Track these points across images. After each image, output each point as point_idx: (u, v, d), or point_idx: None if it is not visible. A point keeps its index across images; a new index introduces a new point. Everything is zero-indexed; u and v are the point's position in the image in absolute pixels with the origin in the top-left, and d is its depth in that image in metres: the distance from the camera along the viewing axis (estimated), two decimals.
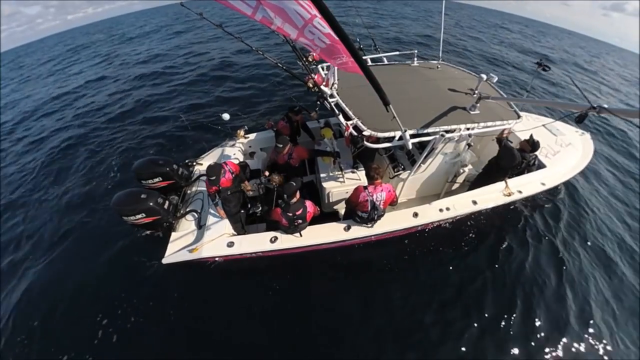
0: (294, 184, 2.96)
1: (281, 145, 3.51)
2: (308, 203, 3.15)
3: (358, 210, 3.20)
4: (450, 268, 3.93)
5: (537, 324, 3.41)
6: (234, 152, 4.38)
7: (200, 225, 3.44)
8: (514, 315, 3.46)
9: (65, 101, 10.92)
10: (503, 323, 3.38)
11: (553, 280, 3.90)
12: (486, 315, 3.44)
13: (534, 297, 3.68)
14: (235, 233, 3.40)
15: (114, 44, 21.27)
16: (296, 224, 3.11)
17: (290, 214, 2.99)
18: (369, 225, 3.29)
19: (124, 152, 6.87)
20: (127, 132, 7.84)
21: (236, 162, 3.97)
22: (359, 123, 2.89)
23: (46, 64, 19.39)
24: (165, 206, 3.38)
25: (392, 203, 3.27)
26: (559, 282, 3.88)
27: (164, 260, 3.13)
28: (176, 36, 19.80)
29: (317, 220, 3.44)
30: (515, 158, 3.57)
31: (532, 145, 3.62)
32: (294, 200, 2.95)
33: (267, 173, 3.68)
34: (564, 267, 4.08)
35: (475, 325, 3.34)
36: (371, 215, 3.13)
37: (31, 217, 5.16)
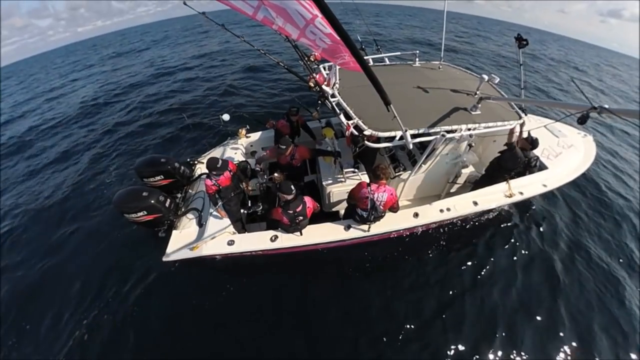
0: (290, 182, 2.97)
1: (284, 147, 3.50)
2: (307, 199, 3.16)
3: (358, 207, 3.20)
4: (451, 269, 3.92)
5: (540, 327, 3.39)
6: (236, 151, 4.40)
7: (201, 224, 3.45)
8: (515, 317, 3.45)
9: (67, 106, 11.04)
10: (503, 325, 3.36)
11: (557, 283, 3.88)
12: (488, 316, 3.43)
13: (535, 299, 3.66)
14: (235, 232, 3.42)
15: (121, 55, 21.61)
16: (297, 221, 3.12)
17: (291, 212, 3.01)
18: (367, 229, 3.27)
19: (125, 151, 6.93)
20: (129, 132, 7.92)
21: (235, 161, 3.99)
22: (360, 122, 2.90)
23: (57, 73, 19.62)
24: (167, 204, 3.39)
25: (393, 209, 3.24)
26: (564, 286, 3.85)
27: (165, 258, 3.15)
28: (180, 46, 20.11)
29: (317, 219, 3.45)
30: (519, 161, 3.59)
31: (531, 143, 3.62)
32: (292, 197, 2.97)
33: (260, 166, 3.74)
34: (568, 271, 4.05)
35: (476, 327, 3.33)
36: (370, 215, 3.14)
37: (31, 219, 5.19)
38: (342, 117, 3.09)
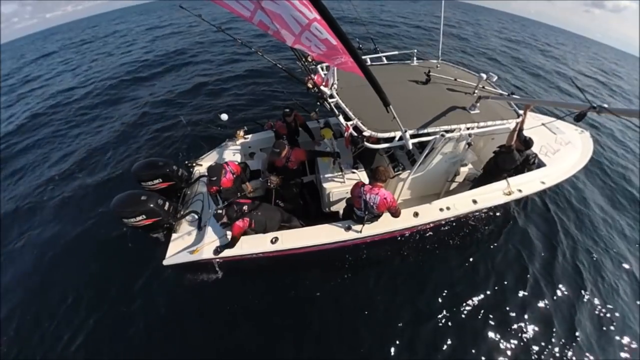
0: (221, 212, 3.00)
1: (278, 150, 3.48)
2: (235, 224, 3.02)
3: (354, 206, 3.21)
4: (451, 268, 3.94)
5: (539, 328, 3.41)
6: (234, 152, 4.38)
7: (201, 227, 3.44)
8: (513, 319, 3.47)
9: (57, 101, 10.85)
10: (502, 327, 3.38)
11: (557, 284, 3.89)
12: (486, 317, 3.45)
13: (533, 298, 3.69)
14: None
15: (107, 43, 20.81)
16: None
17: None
18: (361, 229, 3.27)
19: (122, 154, 6.86)
20: (127, 133, 7.83)
21: (237, 162, 3.97)
22: (359, 123, 2.88)
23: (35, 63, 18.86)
24: (166, 207, 3.37)
25: (392, 213, 3.19)
26: (564, 286, 3.87)
27: (165, 262, 3.14)
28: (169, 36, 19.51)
29: (317, 220, 3.46)
30: (515, 161, 3.62)
31: (524, 143, 3.63)
32: (224, 222, 3.02)
33: (266, 174, 3.70)
34: (569, 270, 4.07)
35: (475, 327, 3.35)
36: (365, 214, 3.13)
37: (29, 220, 5.14)
38: (341, 118, 3.07)
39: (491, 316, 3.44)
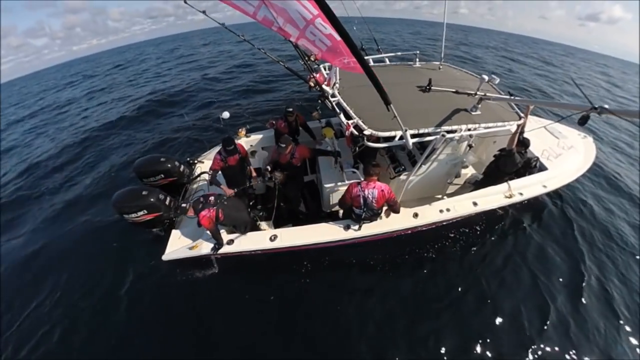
0: (185, 205, 2.96)
1: (284, 145, 3.51)
2: (200, 215, 2.95)
3: (353, 206, 3.22)
4: (450, 269, 3.91)
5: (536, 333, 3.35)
6: None
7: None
8: (513, 320, 3.43)
9: (68, 108, 10.97)
10: (499, 329, 3.34)
11: (557, 287, 3.84)
12: (485, 319, 3.42)
13: (536, 299, 3.65)
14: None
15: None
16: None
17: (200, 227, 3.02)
18: (359, 228, 3.28)
19: (125, 151, 6.92)
20: (129, 132, 7.91)
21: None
22: (360, 122, 2.89)
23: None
24: (167, 202, 3.39)
25: (393, 209, 3.20)
26: (564, 291, 3.80)
27: (164, 257, 3.16)
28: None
29: (317, 219, 3.47)
30: (516, 164, 3.62)
31: (522, 143, 3.63)
32: (191, 215, 2.98)
33: (269, 168, 3.73)
34: (570, 275, 4.00)
35: (473, 328, 3.31)
36: (363, 212, 3.13)
37: (31, 218, 5.19)
38: (342, 116, 3.09)
39: (490, 316, 3.41)
